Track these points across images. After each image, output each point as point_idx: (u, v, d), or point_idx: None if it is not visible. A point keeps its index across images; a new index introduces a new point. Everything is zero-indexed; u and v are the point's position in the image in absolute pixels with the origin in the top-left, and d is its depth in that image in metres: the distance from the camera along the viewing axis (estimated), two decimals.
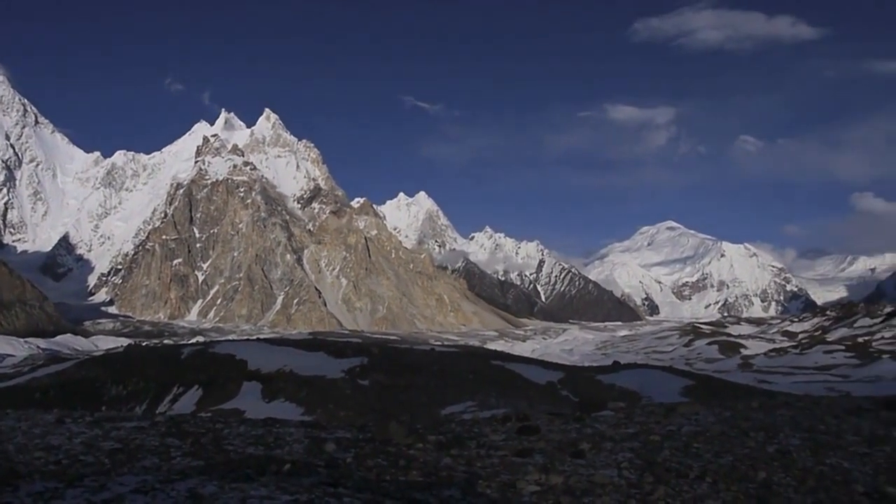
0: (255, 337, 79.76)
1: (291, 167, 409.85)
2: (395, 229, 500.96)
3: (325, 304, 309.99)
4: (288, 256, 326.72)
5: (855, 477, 8.39)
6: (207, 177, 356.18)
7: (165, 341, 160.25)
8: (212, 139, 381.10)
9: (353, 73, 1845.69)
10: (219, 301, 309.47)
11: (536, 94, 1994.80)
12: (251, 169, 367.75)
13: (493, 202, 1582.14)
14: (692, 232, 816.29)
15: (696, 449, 9.61)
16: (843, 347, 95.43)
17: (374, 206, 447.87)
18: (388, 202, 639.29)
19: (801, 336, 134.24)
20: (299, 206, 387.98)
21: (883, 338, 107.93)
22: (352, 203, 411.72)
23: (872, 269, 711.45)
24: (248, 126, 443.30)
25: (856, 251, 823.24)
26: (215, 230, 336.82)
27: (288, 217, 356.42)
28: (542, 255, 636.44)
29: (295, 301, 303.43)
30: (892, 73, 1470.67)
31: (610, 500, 7.16)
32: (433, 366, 41.69)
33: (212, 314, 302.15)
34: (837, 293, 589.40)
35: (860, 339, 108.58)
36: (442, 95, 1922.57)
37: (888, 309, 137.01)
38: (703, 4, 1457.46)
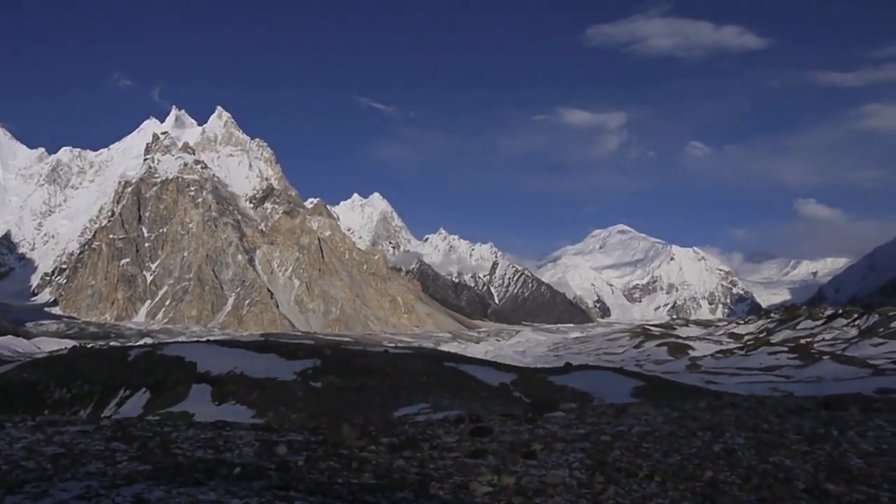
0: (205, 339, 78.56)
1: (244, 166, 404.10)
2: (348, 230, 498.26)
3: (278, 306, 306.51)
4: (239, 257, 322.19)
5: (796, 474, 8.63)
6: (157, 175, 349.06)
7: (112, 343, 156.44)
8: (162, 136, 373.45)
9: (307, 73, 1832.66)
10: (168, 302, 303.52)
11: (491, 96, 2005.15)
12: (202, 167, 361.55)
13: (447, 204, 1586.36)
14: (643, 235, 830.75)
15: (646, 449, 9.77)
16: (786, 349, 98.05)
17: (328, 206, 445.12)
18: (342, 203, 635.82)
19: (746, 338, 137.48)
20: (251, 205, 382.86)
21: (823, 339, 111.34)
22: (305, 203, 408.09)
23: (814, 273, 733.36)
24: (200, 124, 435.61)
25: (799, 255, 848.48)
26: (164, 229, 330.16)
27: (240, 217, 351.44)
28: (496, 257, 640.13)
29: (246, 302, 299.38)
30: (832, 83, 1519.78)
31: (561, 500, 7.23)
32: (386, 368, 41.56)
33: (160, 315, 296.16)
34: (781, 296, 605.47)
35: (802, 341, 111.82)
36: (397, 97, 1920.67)
37: (829, 312, 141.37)
38: (654, 12, 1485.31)
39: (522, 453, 9.22)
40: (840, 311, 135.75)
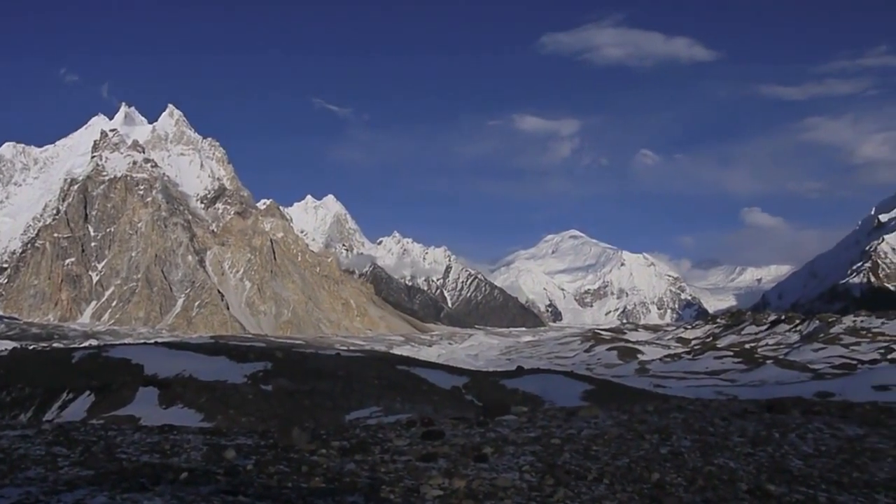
0: (152, 341, 76.94)
1: (195, 166, 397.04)
2: (301, 232, 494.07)
3: (228, 308, 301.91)
4: (189, 258, 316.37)
5: (740, 476, 8.85)
6: (105, 173, 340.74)
7: (55, 345, 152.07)
8: (110, 134, 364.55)
9: (261, 73, 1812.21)
10: (114, 303, 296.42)
11: (447, 101, 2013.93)
12: (152, 166, 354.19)
13: (401, 207, 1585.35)
14: (594, 241, 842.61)
15: (595, 451, 9.90)
16: (731, 353, 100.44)
17: (281, 208, 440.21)
18: (296, 204, 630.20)
19: (693, 342, 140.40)
20: (202, 206, 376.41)
21: (767, 344, 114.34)
22: (258, 204, 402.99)
23: (759, 280, 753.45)
24: (150, 122, 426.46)
25: (744, 262, 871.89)
26: (112, 229, 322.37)
27: (190, 217, 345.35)
28: (450, 260, 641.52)
29: (196, 304, 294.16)
30: (777, 97, 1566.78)
31: (511, 502, 7.28)
32: (338, 371, 41.25)
33: (106, 317, 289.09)
34: (727, 302, 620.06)
35: (747, 346, 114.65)
36: (352, 99, 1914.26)
37: (772, 317, 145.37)
38: (606, 22, 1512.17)
39: (473, 456, 9.25)
40: (783, 317, 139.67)
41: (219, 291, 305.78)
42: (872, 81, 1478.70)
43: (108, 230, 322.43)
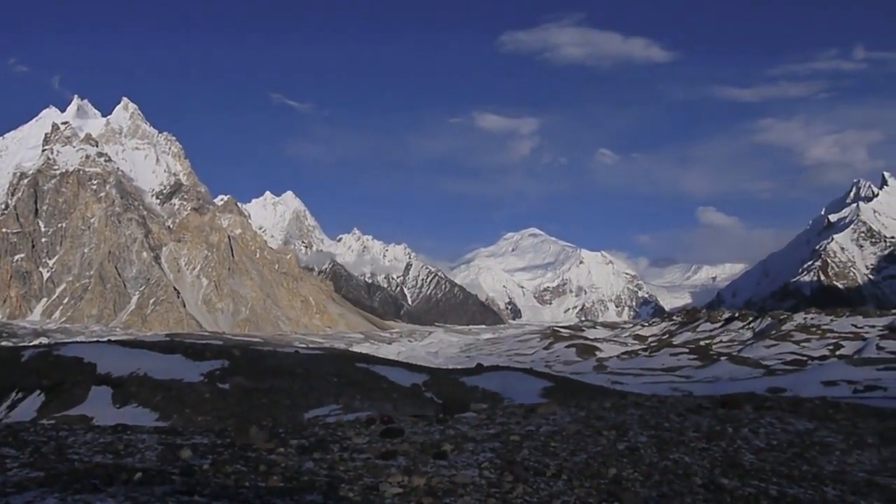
0: (105, 339, 75.35)
1: (150, 160, 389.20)
2: (260, 229, 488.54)
3: (185, 305, 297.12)
4: (144, 254, 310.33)
5: (694, 470, 9.01)
6: (56, 167, 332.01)
7: (3, 343, 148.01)
8: (62, 127, 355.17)
9: (219, 67, 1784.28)
10: (66, 300, 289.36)
11: (407, 98, 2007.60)
12: (106, 160, 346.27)
13: (361, 204, 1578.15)
14: (553, 239, 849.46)
15: (553, 448, 9.98)
16: (686, 350, 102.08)
17: (239, 204, 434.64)
18: (254, 201, 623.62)
19: (650, 339, 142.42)
20: (158, 201, 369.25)
21: (721, 341, 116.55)
22: (215, 200, 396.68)
23: (714, 278, 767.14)
24: (104, 115, 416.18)
25: (700, 261, 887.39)
26: (63, 224, 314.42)
27: (145, 213, 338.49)
28: (410, 258, 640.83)
29: (151, 301, 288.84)
30: (732, 98, 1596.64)
31: (471, 499, 7.30)
32: (297, 368, 40.92)
33: (58, 314, 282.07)
34: (683, 300, 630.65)
35: (702, 343, 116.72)
36: (311, 94, 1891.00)
37: (726, 315, 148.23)
38: (566, 22, 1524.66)
39: (433, 454, 9.26)
40: (736, 315, 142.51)
41: (175, 288, 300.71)
42: (823, 85, 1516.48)
43: (59, 225, 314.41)
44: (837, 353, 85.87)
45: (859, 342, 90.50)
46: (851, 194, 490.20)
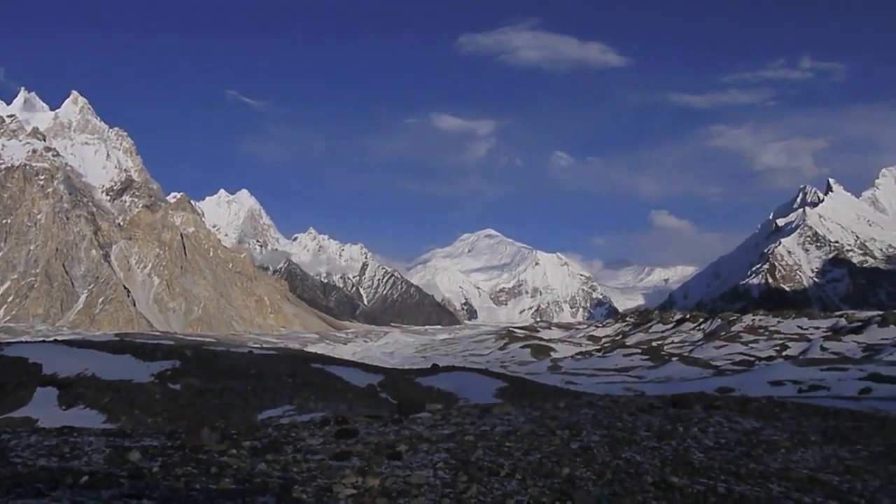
0: (52, 338, 73.28)
1: (101, 156, 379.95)
2: (214, 227, 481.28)
3: (135, 304, 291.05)
4: (93, 252, 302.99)
5: (646, 469, 9.15)
6: (1, 161, 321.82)
7: None
8: (8, 120, 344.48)
9: (173, 61, 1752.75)
10: (10, 299, 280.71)
11: (364, 97, 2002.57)
12: (54, 155, 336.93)
13: (318, 203, 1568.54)
14: (510, 240, 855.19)
15: (508, 448, 10.04)
16: (639, 351, 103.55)
17: (192, 201, 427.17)
18: (208, 198, 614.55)
19: (604, 340, 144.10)
20: (108, 198, 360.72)
21: (673, 342, 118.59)
22: (167, 198, 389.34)
23: (666, 280, 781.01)
24: (53, 109, 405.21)
25: (653, 263, 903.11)
26: (8, 220, 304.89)
27: (95, 209, 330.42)
28: (366, 258, 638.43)
29: (100, 300, 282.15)
30: (685, 104, 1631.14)
31: (425, 500, 7.30)
32: (250, 369, 40.40)
33: (1, 313, 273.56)
34: (636, 301, 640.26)
35: (654, 343, 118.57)
36: (267, 92, 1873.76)
37: (678, 316, 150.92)
38: (523, 25, 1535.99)
39: (388, 454, 9.23)
40: (687, 316, 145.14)
41: (125, 287, 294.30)
42: (771, 93, 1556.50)
43: (3, 221, 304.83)
44: (783, 353, 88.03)
45: (804, 343, 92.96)
46: (798, 200, 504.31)
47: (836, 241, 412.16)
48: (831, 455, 11.12)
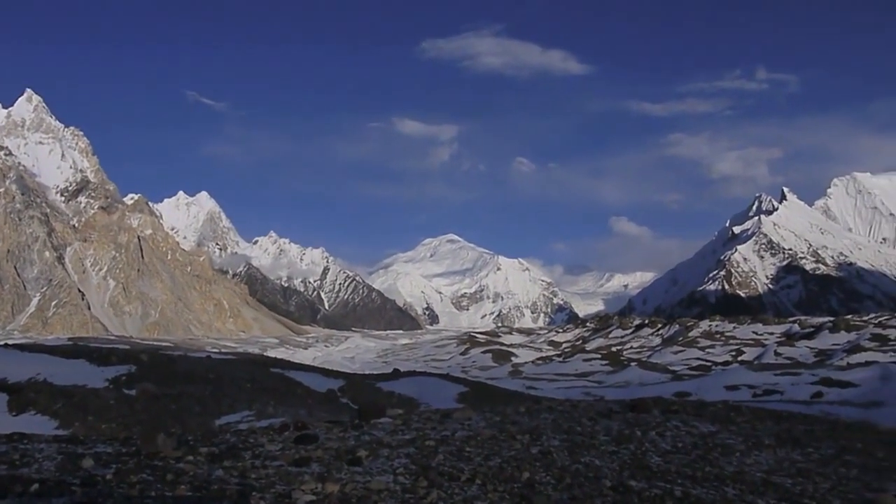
0: (2, 342, 71.33)
1: (55, 156, 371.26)
2: (172, 229, 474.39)
3: (90, 307, 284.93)
4: (47, 254, 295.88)
5: (604, 473, 9.24)
6: None
7: None
8: None
9: (131, 60, 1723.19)
10: None
11: (326, 100, 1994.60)
12: (6, 154, 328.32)
13: (278, 207, 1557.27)
14: (472, 245, 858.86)
15: (468, 453, 10.04)
16: (599, 356, 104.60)
17: (150, 203, 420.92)
18: (166, 200, 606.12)
19: (564, 345, 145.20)
20: (63, 199, 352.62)
21: (632, 347, 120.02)
22: (124, 199, 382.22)
23: (625, 286, 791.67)
24: (6, 107, 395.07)
25: (612, 269, 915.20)
26: None
27: (49, 210, 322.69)
28: (327, 262, 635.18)
29: (53, 303, 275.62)
30: (644, 112, 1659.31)
31: None
32: (208, 374, 39.79)
33: None
34: (596, 306, 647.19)
35: (613, 349, 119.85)
36: (228, 93, 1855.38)
37: (637, 321, 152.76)
38: (486, 31, 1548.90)
39: (348, 460, 9.17)
40: (646, 322, 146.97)
41: (79, 290, 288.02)
42: (728, 102, 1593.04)
43: None
44: (739, 358, 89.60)
45: (759, 348, 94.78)
46: (754, 208, 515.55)
47: (790, 249, 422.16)
48: (784, 458, 11.35)
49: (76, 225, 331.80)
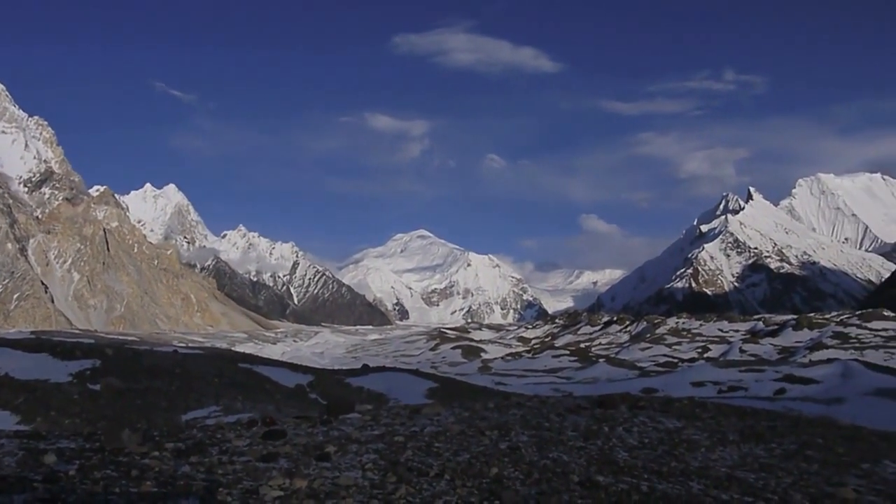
0: None
1: (19, 145, 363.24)
2: (139, 222, 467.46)
3: (53, 301, 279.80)
4: (9, 245, 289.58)
5: (572, 468, 9.31)
6: None
7: None
8: None
9: (98, 50, 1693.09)
10: None
11: (297, 94, 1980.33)
12: None
13: (248, 200, 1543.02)
14: (442, 241, 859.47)
15: (437, 448, 10.06)
16: (568, 352, 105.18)
17: (117, 195, 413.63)
18: (133, 193, 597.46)
19: (533, 341, 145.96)
20: (26, 189, 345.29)
21: (600, 343, 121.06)
22: (90, 191, 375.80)
23: (594, 283, 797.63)
24: None
25: (582, 266, 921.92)
26: None
27: (11, 201, 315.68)
28: (297, 256, 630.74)
29: (16, 296, 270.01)
30: (614, 111, 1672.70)
31: (353, 501, 7.25)
32: (175, 369, 39.34)
33: None
34: (565, 303, 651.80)
35: (582, 345, 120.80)
36: (196, 85, 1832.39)
37: (605, 318, 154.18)
38: (458, 28, 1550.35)
39: (316, 456, 9.13)
40: (614, 318, 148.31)
41: (42, 283, 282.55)
42: (696, 103, 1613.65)
43: None
44: (705, 355, 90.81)
45: (724, 345, 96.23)
46: (721, 207, 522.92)
47: (756, 248, 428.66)
48: (748, 453, 11.53)
49: (39, 216, 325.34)
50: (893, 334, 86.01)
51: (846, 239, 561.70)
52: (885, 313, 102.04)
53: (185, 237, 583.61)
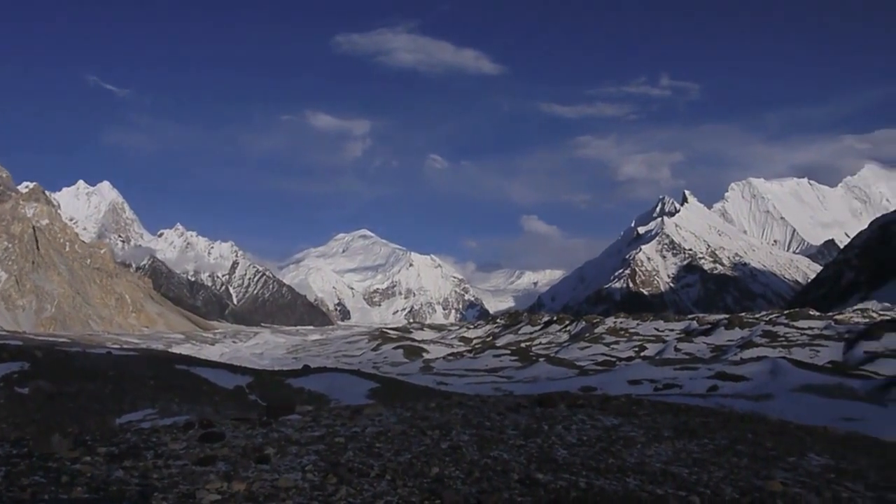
0: None
1: None
2: (71, 220, 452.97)
3: None
4: None
5: (512, 466, 9.41)
6: None
7: None
8: None
9: (25, 42, 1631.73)
10: None
11: (236, 90, 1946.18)
12: None
13: (186, 199, 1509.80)
14: (384, 241, 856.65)
15: (378, 449, 10.04)
16: (509, 352, 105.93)
17: (47, 192, 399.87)
18: (65, 189, 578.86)
19: (475, 341, 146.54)
20: None
21: (540, 343, 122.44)
22: (18, 187, 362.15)
23: (535, 283, 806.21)
24: None
25: (523, 266, 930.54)
26: None
27: None
28: (237, 256, 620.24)
29: None
30: (554, 114, 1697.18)
31: (293, 503, 7.19)
32: (109, 371, 38.26)
33: None
34: (507, 303, 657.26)
35: (523, 345, 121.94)
36: (131, 79, 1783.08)
37: (545, 318, 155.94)
38: (400, 28, 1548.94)
39: (255, 458, 9.01)
40: (554, 318, 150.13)
41: None
42: (633, 107, 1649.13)
43: None
44: (642, 354, 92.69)
45: (660, 344, 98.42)
46: (657, 209, 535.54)
47: (690, 249, 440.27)
48: (682, 449, 11.84)
49: None
50: (818, 333, 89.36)
51: (775, 241, 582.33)
52: (811, 312, 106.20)
53: (119, 236, 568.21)
